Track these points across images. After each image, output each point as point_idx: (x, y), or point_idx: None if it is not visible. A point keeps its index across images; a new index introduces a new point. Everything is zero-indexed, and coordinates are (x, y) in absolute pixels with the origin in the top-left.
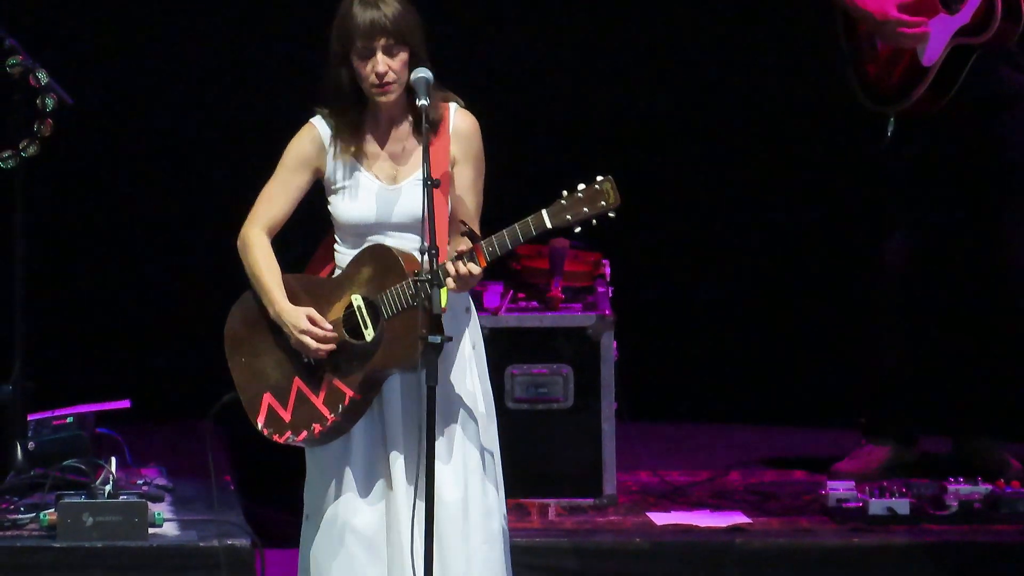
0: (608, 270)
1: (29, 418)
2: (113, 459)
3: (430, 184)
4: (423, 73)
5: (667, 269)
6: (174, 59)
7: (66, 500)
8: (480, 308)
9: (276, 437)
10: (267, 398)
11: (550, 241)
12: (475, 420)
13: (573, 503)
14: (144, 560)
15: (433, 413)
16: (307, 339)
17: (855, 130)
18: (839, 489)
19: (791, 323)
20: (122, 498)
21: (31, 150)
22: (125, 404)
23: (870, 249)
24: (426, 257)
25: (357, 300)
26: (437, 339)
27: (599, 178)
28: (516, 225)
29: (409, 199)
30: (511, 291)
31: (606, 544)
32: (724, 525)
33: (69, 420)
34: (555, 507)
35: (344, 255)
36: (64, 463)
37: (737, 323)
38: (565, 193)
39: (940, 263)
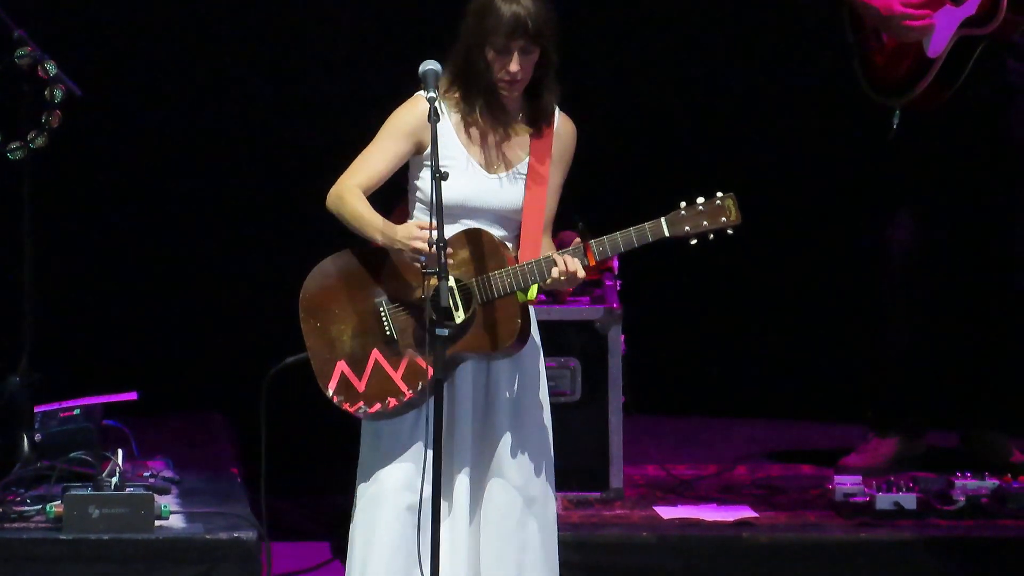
0: (616, 264)
1: (36, 410)
2: (120, 451)
3: (438, 176)
4: (431, 65)
5: (675, 263)
6: (184, 50)
7: (73, 492)
8: None
9: (346, 406)
10: (340, 365)
11: (558, 234)
12: (543, 421)
13: (580, 496)
14: (150, 552)
15: (440, 406)
16: (420, 243)
17: (861, 122)
18: (846, 484)
19: (798, 317)
20: (129, 490)
21: (39, 141)
22: (132, 396)
23: (876, 242)
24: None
25: (451, 282)
26: (445, 332)
27: (720, 194)
28: (631, 229)
29: (505, 189)
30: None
31: (613, 538)
32: (731, 519)
33: (76, 412)
34: (562, 500)
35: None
36: (71, 455)
37: (744, 317)
38: (684, 204)
39: (947, 255)
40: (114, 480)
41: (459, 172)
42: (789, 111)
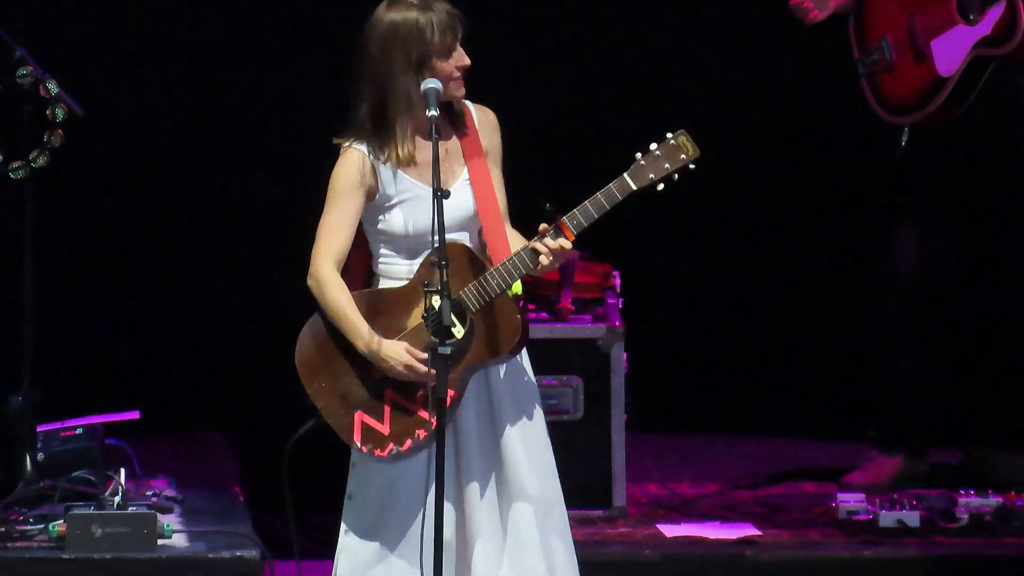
0: (618, 282)
1: (38, 429)
2: (122, 470)
3: (440, 195)
4: (433, 84)
5: (677, 281)
6: (182, 69)
7: (75, 511)
8: None
9: (377, 452)
10: (359, 416)
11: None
12: (542, 420)
13: (583, 515)
14: (153, 571)
15: (443, 425)
16: (411, 371)
17: (868, 140)
18: (849, 501)
19: (800, 334)
20: (131, 509)
21: (41, 161)
22: (135, 415)
23: (880, 259)
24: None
25: (438, 302)
26: (447, 350)
27: (670, 134)
28: (598, 194)
29: (461, 200)
30: (520, 302)
31: (616, 556)
32: (734, 537)
33: (78, 431)
34: None
35: (400, 266)
36: (73, 474)
37: (746, 334)
38: (640, 154)
39: (951, 273)
40: (117, 499)
41: (413, 201)
42: (793, 129)
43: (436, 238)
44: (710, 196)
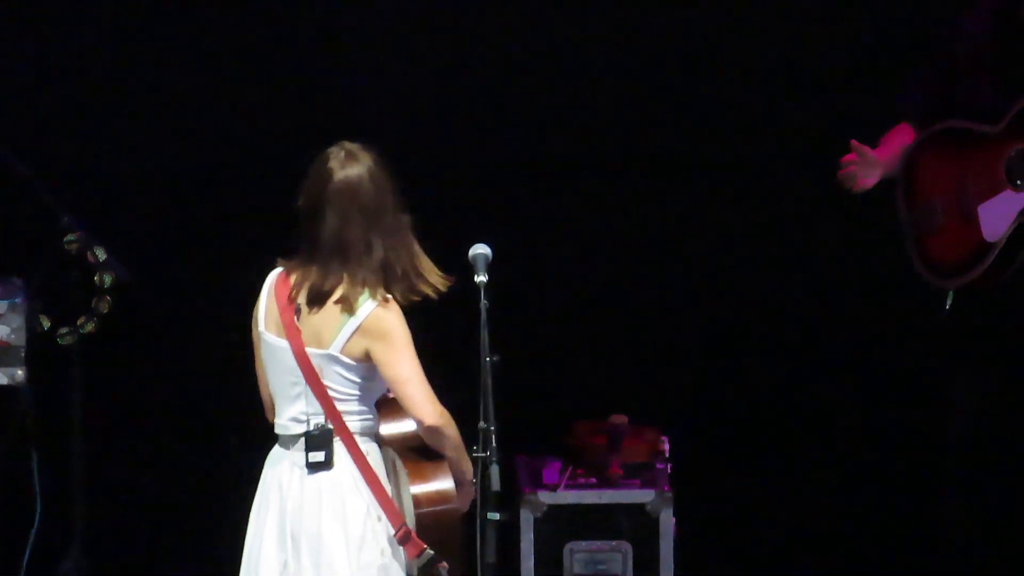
0: (667, 447)
1: None
2: None
3: (490, 361)
4: (482, 249)
5: (727, 445)
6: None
7: None
8: (539, 484)
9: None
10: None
11: (609, 418)
12: None
13: None
14: None
15: None
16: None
17: (913, 303)
18: None
19: (846, 493)
20: None
21: (89, 327)
22: None
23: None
24: (482, 436)
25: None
26: (497, 516)
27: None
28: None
29: None
30: (570, 468)
31: None
32: None
33: None
34: None
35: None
36: None
37: (797, 500)
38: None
39: (1005, 440)
40: None
41: None
42: (845, 301)
43: (486, 401)
44: (758, 363)
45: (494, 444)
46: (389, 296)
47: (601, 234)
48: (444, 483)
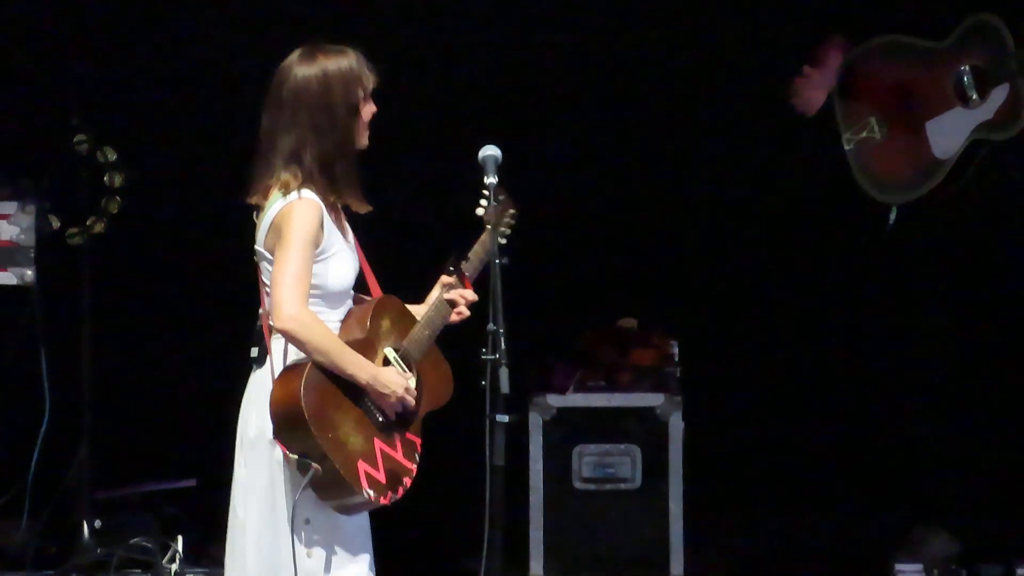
0: (676, 351)
1: (95, 496)
2: (180, 538)
3: (500, 262)
4: (491, 151)
5: (736, 350)
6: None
7: None
8: (548, 387)
9: (382, 500)
10: (361, 465)
11: (617, 321)
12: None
13: None
14: None
15: (497, 494)
16: (408, 396)
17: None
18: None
19: (857, 404)
20: None
21: (98, 227)
22: (191, 483)
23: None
24: (491, 337)
25: (391, 352)
26: (506, 418)
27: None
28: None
29: (357, 256)
30: (579, 370)
31: None
32: None
33: (136, 499)
34: None
35: (331, 323)
36: (130, 542)
37: (807, 410)
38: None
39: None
40: (174, 567)
41: (344, 254)
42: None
43: (495, 304)
44: (764, 268)
45: (503, 346)
46: (307, 196)
47: (610, 137)
48: (289, 384)
